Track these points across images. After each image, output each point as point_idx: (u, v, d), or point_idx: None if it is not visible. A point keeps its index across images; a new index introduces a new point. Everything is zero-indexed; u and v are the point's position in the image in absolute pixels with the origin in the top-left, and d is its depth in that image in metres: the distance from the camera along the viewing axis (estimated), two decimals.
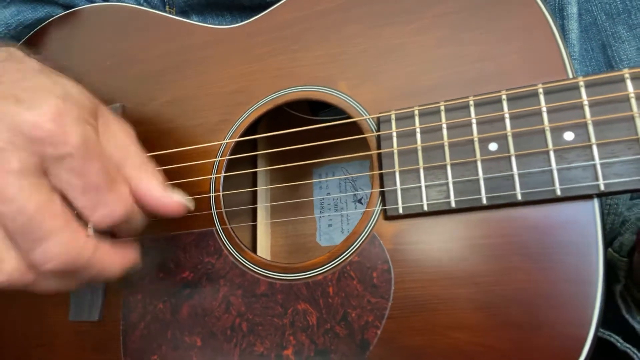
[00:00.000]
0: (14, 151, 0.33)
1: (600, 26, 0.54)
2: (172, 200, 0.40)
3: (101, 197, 0.36)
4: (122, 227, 0.39)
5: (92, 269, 0.37)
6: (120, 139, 0.39)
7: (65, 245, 0.34)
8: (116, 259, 0.39)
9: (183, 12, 0.66)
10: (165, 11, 0.65)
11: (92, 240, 0.36)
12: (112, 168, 0.37)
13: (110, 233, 0.41)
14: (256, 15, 0.54)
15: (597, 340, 0.36)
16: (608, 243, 0.46)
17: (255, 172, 0.64)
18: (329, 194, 0.62)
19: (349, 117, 0.47)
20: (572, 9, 0.51)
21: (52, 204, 0.34)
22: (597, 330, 0.36)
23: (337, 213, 0.61)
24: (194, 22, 0.58)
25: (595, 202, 0.37)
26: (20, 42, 0.67)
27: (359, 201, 0.60)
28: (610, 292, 0.46)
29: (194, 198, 0.51)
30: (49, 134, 0.33)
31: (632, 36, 0.52)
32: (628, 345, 0.45)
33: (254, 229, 0.62)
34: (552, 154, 0.38)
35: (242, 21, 0.65)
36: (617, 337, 0.45)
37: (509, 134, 0.39)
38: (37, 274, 0.35)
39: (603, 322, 0.36)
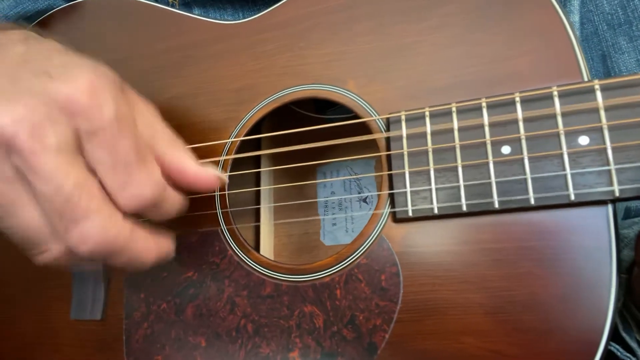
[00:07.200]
0: (51, 126, 0.32)
1: (601, 36, 0.53)
2: (207, 174, 0.39)
3: (130, 175, 0.35)
4: (152, 211, 0.38)
5: (127, 254, 0.36)
6: (147, 117, 0.38)
7: (102, 227, 0.33)
8: (151, 246, 0.38)
9: (185, 4, 0.65)
10: (168, 3, 0.64)
11: (128, 223, 0.35)
12: (143, 146, 0.36)
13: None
14: (257, 8, 0.52)
15: None
16: None
17: (259, 171, 0.63)
18: (333, 192, 0.62)
19: (356, 116, 0.46)
20: (574, 18, 0.51)
21: (89, 184, 0.33)
22: (610, 336, 0.35)
23: (341, 213, 0.60)
24: (198, 16, 0.57)
25: (609, 207, 0.37)
26: None
27: (364, 200, 0.60)
28: None
29: (199, 197, 0.50)
30: (85, 108, 0.33)
31: (633, 48, 0.51)
32: (628, 355, 0.45)
33: (257, 228, 0.61)
34: (566, 158, 0.37)
35: (243, 14, 0.64)
36: (617, 347, 0.45)
37: (523, 137, 0.38)
38: (71, 256, 0.34)
39: None
